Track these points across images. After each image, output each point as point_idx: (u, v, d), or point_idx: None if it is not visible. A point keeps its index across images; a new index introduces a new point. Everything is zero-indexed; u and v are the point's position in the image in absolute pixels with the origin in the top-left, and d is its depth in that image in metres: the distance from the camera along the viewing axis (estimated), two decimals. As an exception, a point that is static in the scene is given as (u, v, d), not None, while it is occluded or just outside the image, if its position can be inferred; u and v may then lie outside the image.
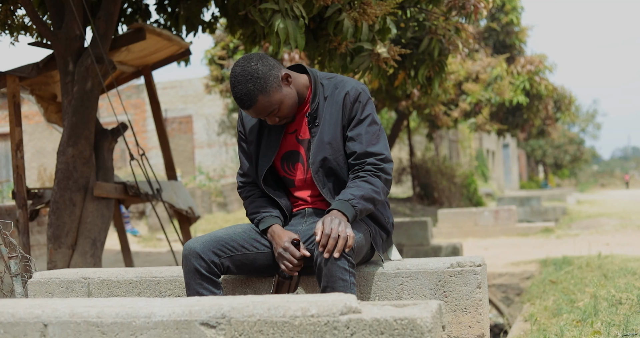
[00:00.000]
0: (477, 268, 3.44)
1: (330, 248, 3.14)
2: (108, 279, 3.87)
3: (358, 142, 3.48)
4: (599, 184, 71.94)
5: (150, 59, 7.87)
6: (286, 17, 5.12)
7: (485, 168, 38.44)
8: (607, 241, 12.97)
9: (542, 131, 26.34)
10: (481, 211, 17.34)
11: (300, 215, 3.65)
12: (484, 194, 30.35)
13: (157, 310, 2.27)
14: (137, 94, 26.42)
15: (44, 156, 25.22)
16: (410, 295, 3.50)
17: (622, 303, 5.66)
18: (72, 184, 6.20)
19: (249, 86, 3.35)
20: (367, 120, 3.51)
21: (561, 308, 6.03)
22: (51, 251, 6.20)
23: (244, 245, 3.50)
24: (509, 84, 19.75)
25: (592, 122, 70.69)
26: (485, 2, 6.60)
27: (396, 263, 3.58)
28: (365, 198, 3.38)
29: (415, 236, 11.61)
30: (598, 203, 30.69)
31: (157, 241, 16.31)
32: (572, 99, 24.80)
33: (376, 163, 3.47)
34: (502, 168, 46.76)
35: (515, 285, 9.58)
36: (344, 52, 5.89)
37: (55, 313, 2.32)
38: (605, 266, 8.04)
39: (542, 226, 17.27)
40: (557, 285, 7.61)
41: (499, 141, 43.36)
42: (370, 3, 5.47)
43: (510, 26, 23.07)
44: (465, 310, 3.44)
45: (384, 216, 3.64)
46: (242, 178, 3.78)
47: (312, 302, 2.22)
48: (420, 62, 6.89)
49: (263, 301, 2.27)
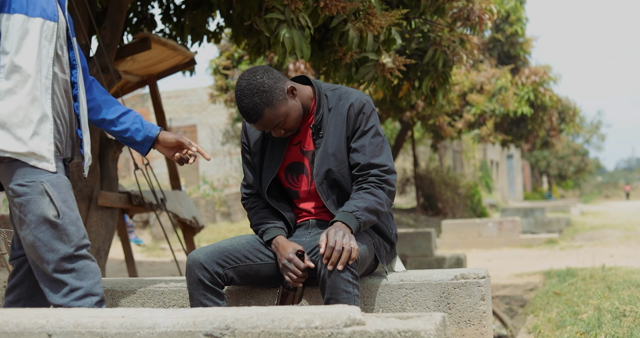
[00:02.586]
0: (481, 280, 3.44)
1: (334, 260, 3.13)
2: (112, 289, 3.87)
3: (362, 153, 3.49)
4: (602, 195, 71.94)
5: (155, 68, 7.88)
6: (292, 27, 5.12)
7: (489, 179, 38.43)
8: (611, 253, 12.96)
9: (547, 142, 26.30)
10: (485, 222, 17.33)
11: (304, 226, 3.65)
12: (488, 205, 30.33)
13: (161, 320, 2.27)
14: (141, 103, 26.47)
15: (49, 165, 25.20)
16: (414, 307, 3.49)
17: (626, 316, 5.64)
18: (77, 194, 6.20)
19: (255, 99, 3.35)
20: (371, 131, 3.51)
21: (565, 321, 6.02)
22: (55, 260, 6.19)
23: (248, 256, 3.50)
24: (513, 95, 19.74)
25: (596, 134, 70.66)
26: (490, 13, 6.61)
27: (400, 275, 3.57)
28: (369, 209, 3.37)
29: (419, 247, 11.60)
30: (602, 215, 30.65)
31: (161, 250, 16.30)
32: (577, 110, 24.77)
33: (380, 175, 3.47)
34: (506, 178, 46.76)
35: (519, 296, 9.56)
36: (349, 62, 5.90)
37: (59, 323, 2.32)
38: (609, 278, 8.03)
39: (546, 237, 17.25)
40: (561, 297, 7.59)
41: (503, 151, 43.34)
42: (376, 14, 5.48)
43: (514, 37, 23.08)
44: (469, 322, 3.43)
45: (388, 228, 3.63)
46: (246, 189, 3.78)
47: (316, 313, 2.22)
48: (425, 73, 6.90)
49: (267, 312, 2.26)
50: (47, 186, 3.05)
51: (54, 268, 3.06)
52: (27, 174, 3.04)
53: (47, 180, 3.06)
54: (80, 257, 3.11)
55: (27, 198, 3.04)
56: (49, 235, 3.05)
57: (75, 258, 3.10)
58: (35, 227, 3.04)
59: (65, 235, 3.08)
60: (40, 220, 3.04)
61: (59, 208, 3.06)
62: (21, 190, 3.04)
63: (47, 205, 3.04)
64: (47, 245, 3.05)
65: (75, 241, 3.10)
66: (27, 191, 3.03)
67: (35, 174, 3.05)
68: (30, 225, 3.04)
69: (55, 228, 3.06)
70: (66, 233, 3.08)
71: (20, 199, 3.04)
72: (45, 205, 3.04)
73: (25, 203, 3.03)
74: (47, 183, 3.06)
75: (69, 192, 3.14)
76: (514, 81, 20.23)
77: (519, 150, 45.48)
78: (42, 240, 3.05)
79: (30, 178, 3.04)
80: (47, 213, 3.04)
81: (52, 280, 3.09)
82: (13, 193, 3.05)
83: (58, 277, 3.07)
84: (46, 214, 3.03)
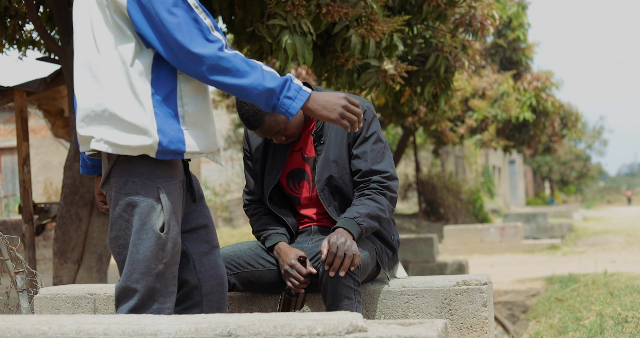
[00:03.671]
0: (483, 287, 3.44)
1: (336, 266, 3.13)
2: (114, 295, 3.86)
3: (363, 160, 3.49)
4: (605, 200, 71.83)
5: (157, 74, 7.88)
6: (294, 33, 5.13)
7: (492, 184, 38.39)
8: (613, 259, 12.94)
9: (549, 147, 26.30)
10: (487, 227, 17.32)
11: (306, 232, 3.65)
12: (490, 210, 30.30)
13: (164, 327, 2.27)
14: (143, 109, 26.45)
15: (50, 170, 25.24)
16: (416, 313, 3.49)
17: (629, 322, 5.63)
18: (79, 199, 6.21)
19: (255, 106, 3.34)
20: (373, 138, 3.52)
21: (567, 326, 6.01)
22: (57, 266, 6.21)
23: (250, 262, 3.50)
24: (515, 100, 19.73)
25: (598, 139, 70.62)
26: (492, 19, 6.62)
27: (402, 281, 3.57)
28: (371, 216, 3.38)
29: (421, 253, 11.59)
30: (604, 220, 30.61)
31: (163, 256, 16.26)
32: (579, 116, 24.79)
33: (381, 181, 3.47)
34: (509, 184, 46.73)
35: (521, 302, 9.55)
36: (351, 68, 5.90)
37: (62, 329, 2.32)
38: (612, 284, 8.01)
39: (548, 243, 17.23)
40: (563, 302, 7.59)
41: (505, 157, 43.30)
42: (378, 20, 5.49)
43: (516, 43, 23.06)
44: (471, 329, 3.43)
45: (390, 234, 3.64)
46: (248, 195, 3.78)
47: (318, 320, 2.22)
48: (427, 79, 6.91)
49: (269, 319, 2.26)
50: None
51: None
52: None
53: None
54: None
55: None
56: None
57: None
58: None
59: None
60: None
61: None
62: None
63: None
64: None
65: (168, 258, 2.90)
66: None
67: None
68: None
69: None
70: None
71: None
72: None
73: None
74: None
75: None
76: (516, 86, 20.23)
77: (521, 155, 45.43)
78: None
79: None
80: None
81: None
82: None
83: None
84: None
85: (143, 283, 2.84)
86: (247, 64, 2.79)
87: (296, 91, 2.84)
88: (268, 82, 2.79)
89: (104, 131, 2.80)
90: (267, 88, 2.79)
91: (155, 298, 2.87)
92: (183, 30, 2.76)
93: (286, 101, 2.81)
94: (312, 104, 2.90)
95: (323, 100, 2.92)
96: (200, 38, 2.77)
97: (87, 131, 2.83)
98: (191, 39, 2.76)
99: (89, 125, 2.82)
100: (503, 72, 21.41)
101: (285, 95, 2.81)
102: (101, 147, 2.80)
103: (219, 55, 2.77)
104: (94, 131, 2.81)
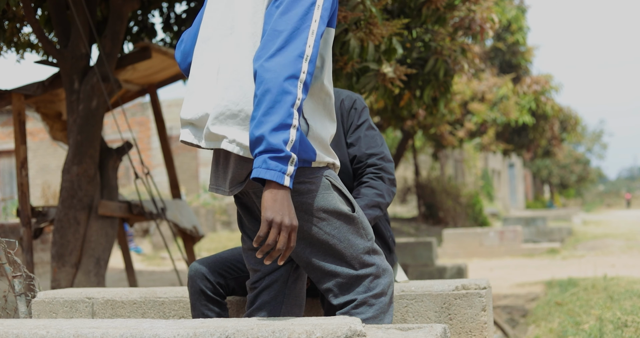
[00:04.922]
0: (482, 291, 3.43)
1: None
2: (112, 299, 3.86)
3: (357, 146, 3.52)
4: (604, 204, 71.95)
5: (155, 77, 7.88)
6: (293, 36, 5.12)
7: (491, 188, 38.43)
8: (613, 263, 12.95)
9: (548, 151, 26.32)
10: (486, 231, 17.32)
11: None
12: (490, 214, 30.31)
13: (162, 331, 2.26)
14: (141, 112, 26.47)
15: (48, 173, 25.26)
16: (415, 318, 3.48)
17: (628, 326, 5.63)
18: (77, 203, 6.20)
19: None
20: (365, 125, 3.55)
21: (566, 331, 6.00)
22: (55, 269, 6.20)
23: (249, 265, 3.48)
24: (514, 104, 19.76)
25: (598, 143, 70.76)
26: (492, 22, 6.61)
27: (401, 286, 3.56)
28: (370, 206, 3.38)
29: (420, 257, 11.57)
30: (604, 224, 30.63)
31: (161, 259, 16.29)
32: (578, 119, 24.80)
33: (376, 163, 3.48)
34: (508, 187, 46.76)
35: (520, 306, 9.54)
36: (350, 72, 5.89)
37: (59, 334, 2.31)
38: (611, 288, 8.01)
39: (548, 246, 17.23)
40: (563, 306, 7.58)
41: (504, 160, 43.36)
42: (377, 23, 5.48)
43: (516, 46, 23.10)
44: (470, 333, 3.42)
45: (386, 230, 3.63)
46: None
47: (317, 324, 2.21)
48: (426, 82, 6.90)
49: (268, 323, 2.25)
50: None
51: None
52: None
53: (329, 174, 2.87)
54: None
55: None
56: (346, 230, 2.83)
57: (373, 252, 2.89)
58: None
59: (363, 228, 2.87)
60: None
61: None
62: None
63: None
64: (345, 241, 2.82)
65: (371, 235, 2.89)
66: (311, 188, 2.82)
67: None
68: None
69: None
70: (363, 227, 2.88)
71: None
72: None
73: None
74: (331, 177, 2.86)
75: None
76: (516, 90, 20.26)
77: (520, 159, 45.47)
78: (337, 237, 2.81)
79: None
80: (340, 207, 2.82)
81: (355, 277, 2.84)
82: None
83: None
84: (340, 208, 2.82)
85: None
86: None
87: (278, 168, 2.53)
88: (269, 135, 2.53)
89: (236, 133, 2.70)
90: (258, 137, 2.55)
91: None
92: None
93: (261, 160, 2.53)
94: (274, 192, 2.55)
95: (282, 201, 2.56)
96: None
97: (219, 129, 2.73)
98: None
99: (222, 124, 2.73)
100: (502, 76, 21.44)
101: (270, 156, 2.52)
102: (233, 148, 2.70)
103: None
104: (227, 131, 2.72)
